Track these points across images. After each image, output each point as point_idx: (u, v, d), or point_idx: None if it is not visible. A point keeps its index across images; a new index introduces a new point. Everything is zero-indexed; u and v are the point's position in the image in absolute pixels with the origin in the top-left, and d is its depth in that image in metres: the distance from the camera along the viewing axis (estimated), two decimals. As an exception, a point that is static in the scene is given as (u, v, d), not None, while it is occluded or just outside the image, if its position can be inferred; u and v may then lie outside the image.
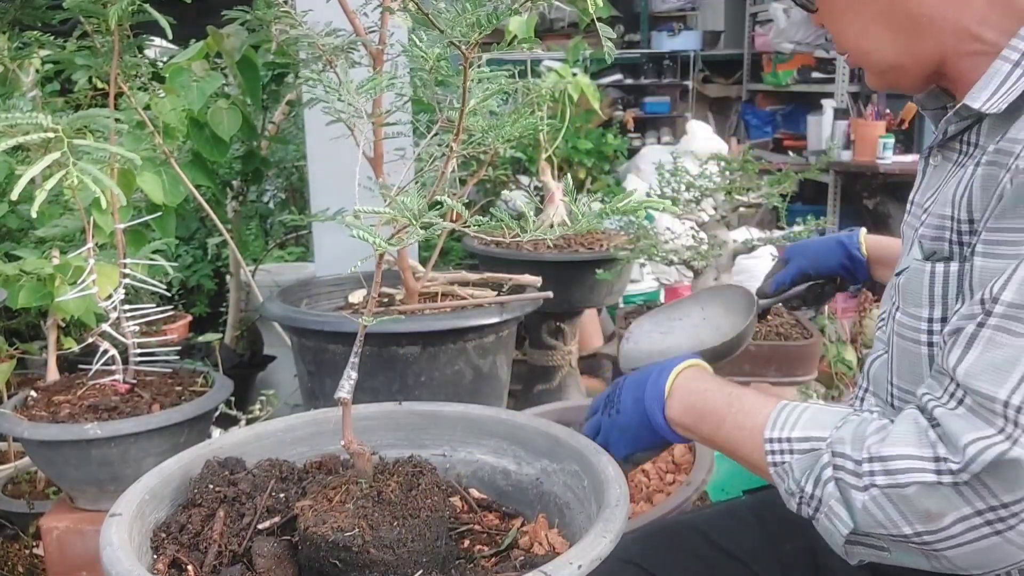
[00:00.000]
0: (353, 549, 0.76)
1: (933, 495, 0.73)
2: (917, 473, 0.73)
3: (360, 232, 0.65)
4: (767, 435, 0.84)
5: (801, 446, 0.82)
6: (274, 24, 1.68)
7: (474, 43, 0.66)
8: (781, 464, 0.83)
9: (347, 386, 0.81)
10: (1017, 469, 0.70)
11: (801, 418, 0.84)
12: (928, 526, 0.74)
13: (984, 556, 0.74)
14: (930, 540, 0.74)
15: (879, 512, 0.75)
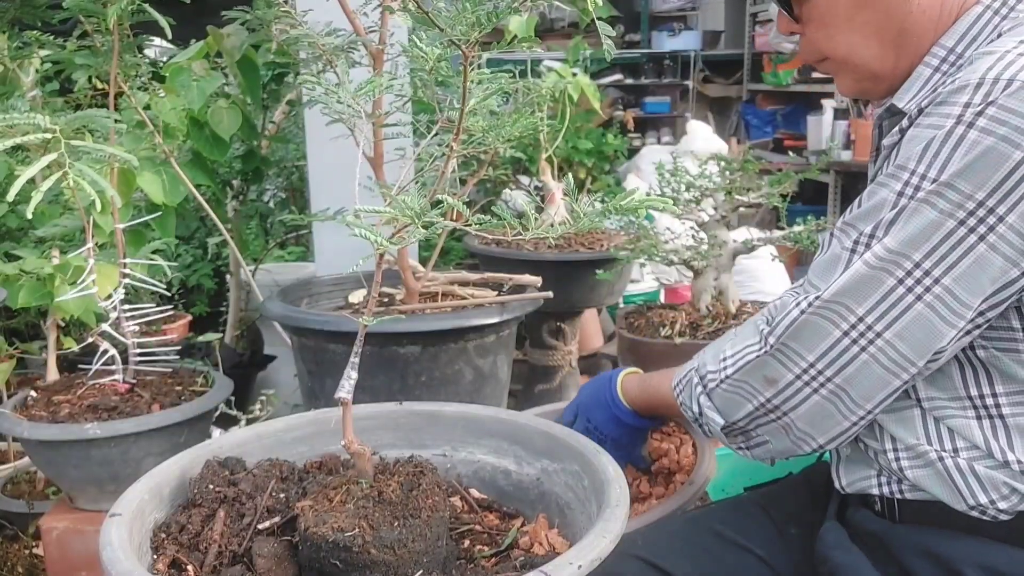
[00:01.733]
0: (353, 549, 0.76)
1: (763, 365, 0.94)
2: (751, 352, 0.95)
3: (361, 231, 0.65)
4: (671, 383, 1.08)
5: (684, 380, 1.05)
6: (274, 24, 1.68)
7: (474, 42, 0.66)
8: (681, 403, 1.05)
9: (347, 386, 0.81)
10: (812, 329, 0.89)
11: (697, 358, 1.05)
12: (769, 391, 0.94)
13: (817, 416, 0.92)
14: (777, 404, 0.94)
15: (735, 395, 0.97)
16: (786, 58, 6.28)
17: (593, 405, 1.24)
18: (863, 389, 0.89)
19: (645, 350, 2.30)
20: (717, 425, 0.99)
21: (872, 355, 0.88)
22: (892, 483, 0.98)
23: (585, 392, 1.28)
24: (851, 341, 0.88)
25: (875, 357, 0.88)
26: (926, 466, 0.94)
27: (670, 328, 2.28)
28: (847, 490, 1.03)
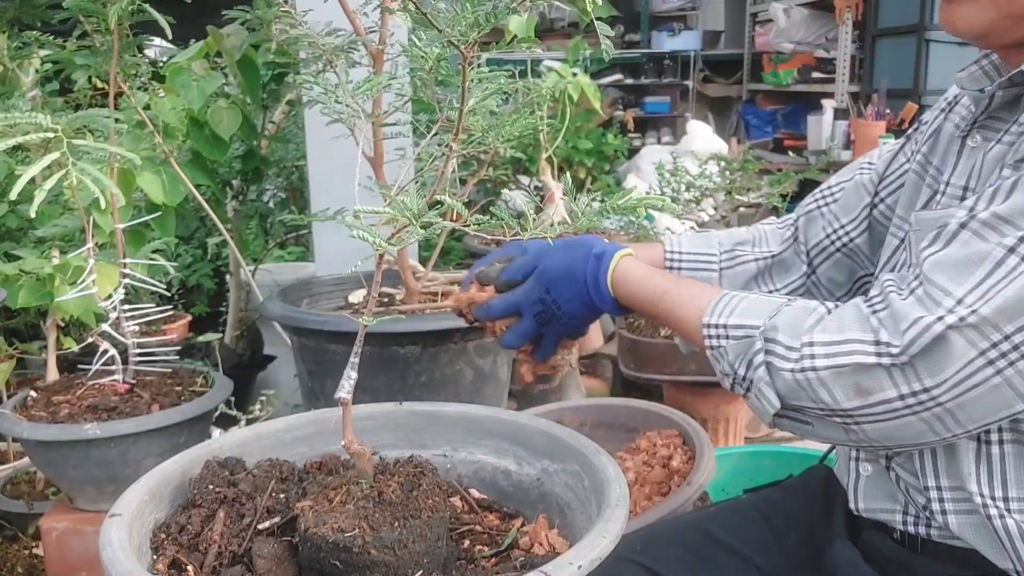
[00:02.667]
0: (353, 550, 0.76)
1: (868, 375, 0.78)
2: (858, 355, 0.79)
3: (360, 232, 0.65)
4: (705, 320, 0.90)
5: (736, 333, 0.88)
6: (274, 24, 1.68)
7: (473, 42, 0.66)
8: (717, 348, 0.90)
9: (347, 386, 0.81)
10: (945, 350, 0.75)
11: (739, 307, 0.90)
12: (856, 402, 0.80)
13: (897, 432, 0.80)
14: (855, 414, 0.80)
15: (808, 388, 0.81)
16: (786, 58, 6.28)
17: (563, 278, 1.02)
18: (976, 412, 0.77)
19: (645, 350, 2.30)
20: (770, 406, 0.84)
21: (1007, 377, 0.75)
22: (920, 524, 0.92)
23: (555, 257, 1.03)
24: (987, 362, 0.75)
25: (1010, 380, 0.75)
26: (970, 513, 0.86)
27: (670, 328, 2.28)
28: (862, 514, 0.98)
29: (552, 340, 1.09)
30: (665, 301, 0.96)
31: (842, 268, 1.15)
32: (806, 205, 1.19)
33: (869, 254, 1.12)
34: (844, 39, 5.37)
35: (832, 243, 1.14)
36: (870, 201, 1.11)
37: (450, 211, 0.71)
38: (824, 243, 1.15)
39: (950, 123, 1.01)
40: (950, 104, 1.04)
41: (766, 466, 1.69)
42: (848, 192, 1.14)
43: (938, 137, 1.03)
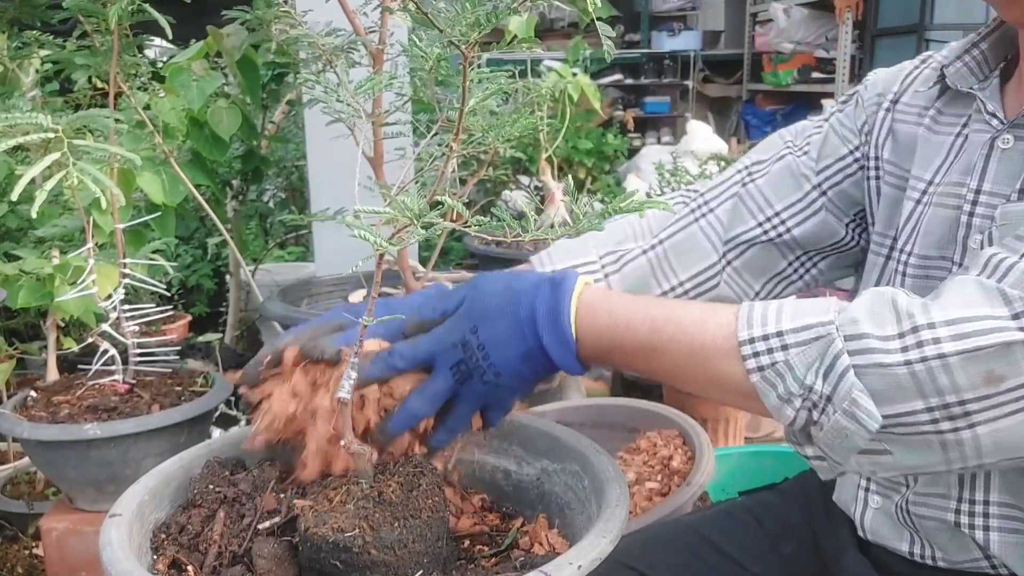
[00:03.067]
0: (354, 550, 0.76)
1: (1007, 357, 0.63)
2: (999, 333, 0.63)
3: (360, 232, 0.65)
4: (744, 335, 0.69)
5: (801, 336, 0.67)
6: (274, 24, 1.68)
7: (473, 43, 0.66)
8: (772, 365, 0.67)
9: (347, 386, 0.81)
10: None
11: (783, 311, 0.70)
12: (981, 391, 0.64)
13: (1013, 433, 0.65)
14: (973, 410, 0.64)
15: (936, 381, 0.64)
16: (786, 58, 6.28)
17: (498, 312, 0.76)
18: None
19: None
20: (871, 423, 0.65)
21: None
22: (935, 555, 0.87)
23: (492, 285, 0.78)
24: None
25: None
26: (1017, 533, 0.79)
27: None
28: (868, 539, 0.95)
29: (467, 408, 0.79)
30: (664, 330, 0.72)
31: (763, 261, 1.04)
32: (723, 184, 1.06)
33: (803, 248, 1.04)
34: (844, 39, 5.38)
35: (765, 232, 1.03)
36: (813, 192, 1.02)
37: (450, 211, 0.71)
38: (754, 231, 1.03)
39: (903, 123, 0.97)
40: (894, 100, 0.99)
41: (766, 466, 1.69)
42: (777, 175, 1.03)
43: (895, 139, 0.98)
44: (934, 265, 0.89)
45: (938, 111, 0.95)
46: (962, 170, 0.88)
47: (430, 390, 0.78)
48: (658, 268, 1.03)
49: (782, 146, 1.06)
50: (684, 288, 1.04)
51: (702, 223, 1.05)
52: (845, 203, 1.03)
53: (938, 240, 0.88)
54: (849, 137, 1.03)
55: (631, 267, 1.03)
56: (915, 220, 0.92)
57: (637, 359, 0.74)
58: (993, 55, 0.91)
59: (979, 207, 0.84)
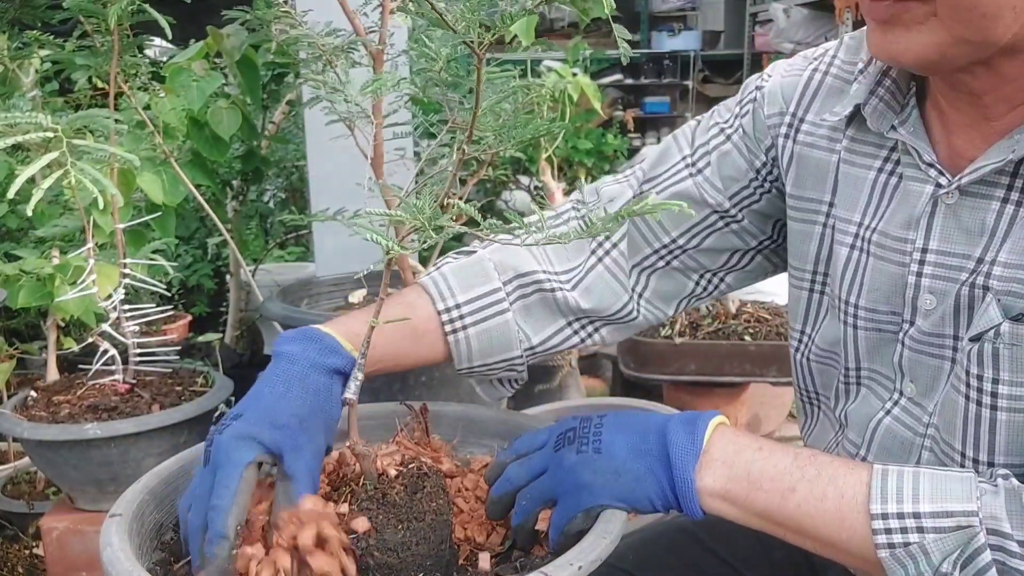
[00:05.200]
0: (357, 552, 0.75)
1: None
2: None
3: (372, 235, 0.65)
4: (877, 509, 0.68)
5: (941, 523, 0.66)
6: (274, 24, 1.68)
7: (487, 44, 0.66)
8: (905, 545, 0.66)
9: (353, 387, 0.81)
10: None
11: (920, 486, 0.68)
12: None
13: None
14: None
15: None
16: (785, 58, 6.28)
17: (624, 427, 0.79)
18: None
19: (645, 350, 2.30)
20: None
21: None
22: None
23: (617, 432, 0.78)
24: None
25: None
26: None
27: (670, 328, 2.28)
28: None
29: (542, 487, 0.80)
30: (799, 483, 0.72)
31: (669, 286, 1.02)
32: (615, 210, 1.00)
33: (708, 265, 1.00)
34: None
35: (663, 259, 0.99)
36: (716, 215, 0.97)
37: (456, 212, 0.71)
38: (652, 260, 0.99)
39: (810, 148, 0.90)
40: (791, 124, 0.93)
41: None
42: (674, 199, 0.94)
43: (798, 166, 0.91)
44: (885, 320, 0.85)
45: (852, 139, 0.88)
46: (901, 223, 0.82)
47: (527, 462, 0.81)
48: (568, 312, 0.99)
49: (679, 162, 1.00)
50: (593, 323, 1.01)
51: (606, 262, 1.00)
52: (764, 215, 0.99)
53: (886, 296, 0.84)
54: (756, 158, 0.96)
55: (536, 300, 0.98)
56: (854, 269, 0.87)
57: (763, 499, 0.73)
58: (903, 80, 0.84)
59: (927, 266, 0.80)
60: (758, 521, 0.74)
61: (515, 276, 0.98)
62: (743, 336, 2.25)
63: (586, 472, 0.76)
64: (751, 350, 2.20)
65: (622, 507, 0.76)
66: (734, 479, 0.74)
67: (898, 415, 0.86)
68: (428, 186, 0.80)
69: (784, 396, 2.68)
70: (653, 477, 0.75)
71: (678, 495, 0.74)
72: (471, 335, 0.95)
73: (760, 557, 1.04)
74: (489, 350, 0.97)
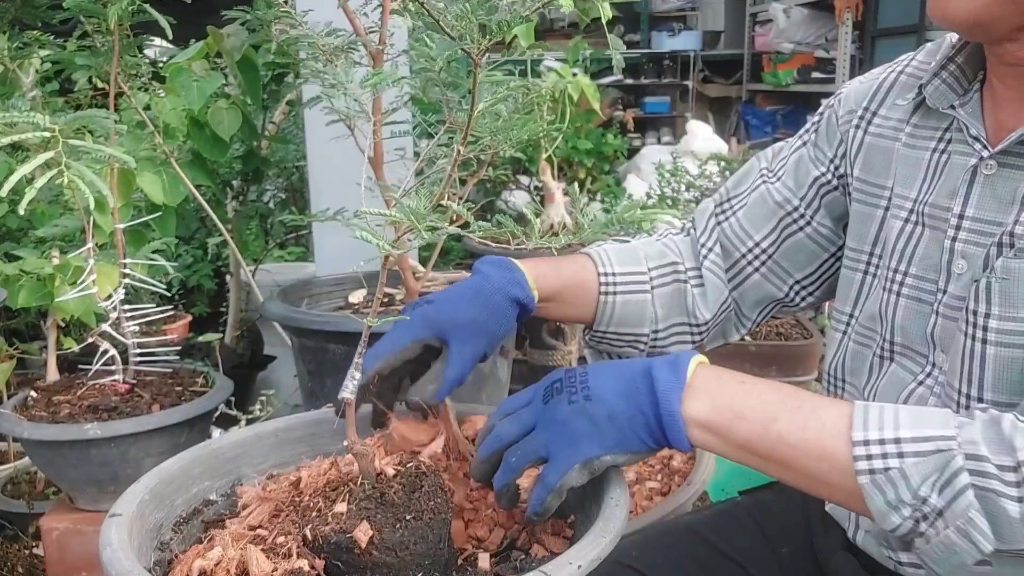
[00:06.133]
0: (355, 551, 0.76)
1: None
2: None
3: (365, 234, 0.65)
4: (859, 436, 0.70)
5: (920, 447, 0.68)
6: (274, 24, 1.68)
7: (484, 48, 0.66)
8: (885, 471, 0.68)
9: (351, 386, 0.81)
10: None
11: (900, 416, 0.71)
12: None
13: None
14: None
15: None
16: (785, 58, 6.28)
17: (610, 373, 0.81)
18: None
19: (645, 350, 2.31)
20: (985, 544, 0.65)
21: None
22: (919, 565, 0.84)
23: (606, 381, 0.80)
24: None
25: None
26: None
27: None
28: (859, 548, 0.95)
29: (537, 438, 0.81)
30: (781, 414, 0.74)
31: (757, 290, 1.08)
32: (707, 221, 1.09)
33: (790, 270, 1.06)
34: (844, 39, 5.38)
35: (749, 263, 1.06)
36: (789, 218, 1.04)
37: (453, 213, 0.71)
38: (741, 264, 1.07)
39: (879, 138, 0.96)
40: (863, 117, 0.99)
41: (766, 466, 1.69)
42: (753, 205, 1.06)
43: (867, 154, 0.98)
44: (927, 289, 0.89)
45: (915, 126, 0.93)
46: (947, 193, 0.87)
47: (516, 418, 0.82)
48: (693, 301, 1.07)
49: (757, 175, 1.08)
50: (707, 325, 1.08)
51: (707, 264, 1.08)
52: (835, 217, 1.04)
53: (934, 266, 0.88)
54: (824, 156, 1.03)
55: (672, 290, 1.07)
56: (907, 239, 0.91)
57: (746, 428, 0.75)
58: (970, 67, 0.89)
59: (962, 232, 0.85)
60: (741, 453, 0.76)
61: (659, 265, 1.07)
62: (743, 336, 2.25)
63: (581, 421, 0.78)
64: (751, 350, 2.20)
65: (618, 454, 0.78)
66: (717, 409, 0.76)
67: (929, 384, 0.88)
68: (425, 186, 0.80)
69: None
70: (642, 416, 0.77)
71: (665, 428, 0.76)
72: (618, 302, 1.04)
73: (764, 552, 1.05)
74: (626, 320, 1.05)
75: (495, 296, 0.92)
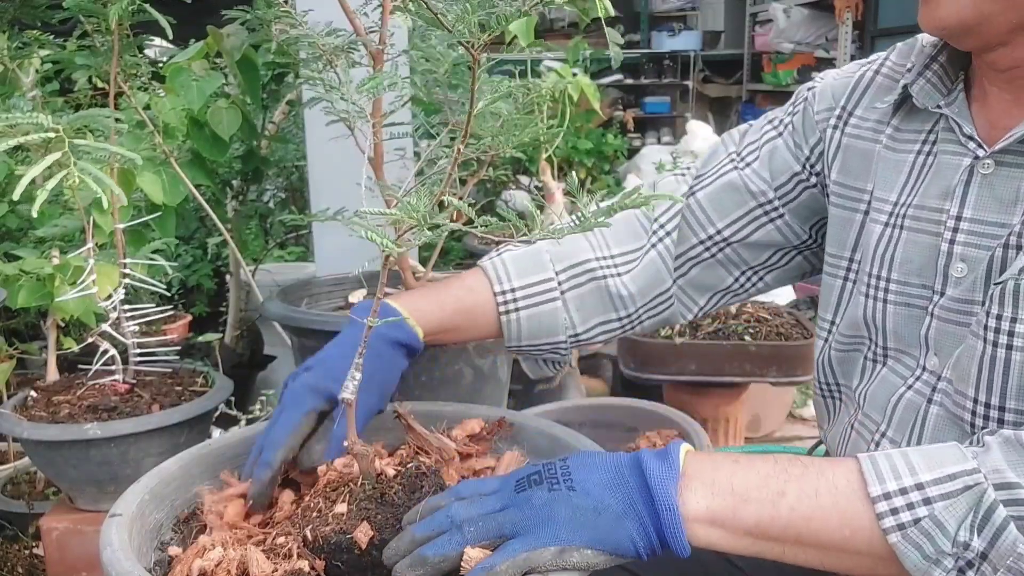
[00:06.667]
0: (356, 551, 0.76)
1: None
2: None
3: (368, 233, 0.65)
4: (876, 491, 0.64)
5: (945, 488, 0.62)
6: (274, 24, 1.68)
7: (483, 45, 0.66)
8: (915, 522, 0.62)
9: (351, 386, 0.81)
10: None
11: (912, 460, 0.65)
12: None
13: None
14: None
15: None
16: (785, 58, 6.28)
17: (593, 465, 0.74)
18: None
19: (645, 350, 2.30)
20: None
21: None
22: None
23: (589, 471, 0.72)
24: None
25: None
26: None
27: (670, 328, 2.28)
28: None
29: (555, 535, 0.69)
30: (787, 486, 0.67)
31: (708, 275, 1.06)
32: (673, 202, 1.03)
33: (750, 261, 1.05)
34: (844, 39, 5.38)
35: (707, 249, 1.04)
36: (761, 209, 1.02)
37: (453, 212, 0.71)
38: (697, 250, 1.04)
39: (857, 139, 0.95)
40: (840, 117, 0.97)
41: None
42: (720, 190, 1.03)
43: (844, 156, 0.96)
44: (916, 294, 0.87)
45: (896, 128, 0.92)
46: (938, 194, 0.85)
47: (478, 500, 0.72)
48: (616, 295, 1.03)
49: (725, 158, 1.06)
50: (638, 312, 1.05)
51: (659, 248, 1.04)
52: (805, 214, 1.03)
53: (919, 268, 0.87)
54: (801, 152, 1.01)
55: (588, 289, 1.03)
56: (887, 244, 0.90)
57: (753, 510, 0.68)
58: (952, 68, 0.89)
59: (960, 234, 0.83)
60: (750, 541, 0.69)
61: (569, 266, 1.03)
62: (743, 336, 2.25)
63: (563, 508, 0.68)
64: (751, 350, 2.20)
65: (599, 551, 0.68)
66: (718, 495, 0.69)
67: (919, 388, 0.87)
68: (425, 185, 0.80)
69: (784, 396, 2.69)
70: (634, 512, 0.68)
71: (663, 525, 0.68)
72: (522, 317, 1.02)
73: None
74: (537, 333, 1.04)
75: (376, 344, 0.90)
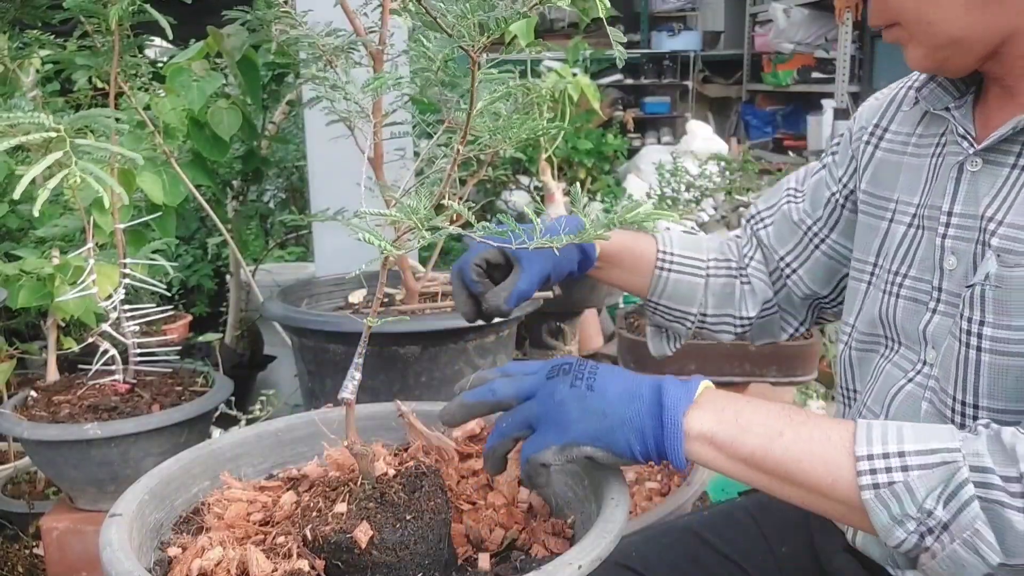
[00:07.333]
0: (355, 551, 0.76)
1: None
2: None
3: (366, 235, 0.65)
4: (863, 451, 0.70)
5: (925, 460, 0.67)
6: (274, 24, 1.68)
7: (482, 47, 0.66)
8: (889, 485, 0.67)
9: (351, 386, 0.81)
10: None
11: (903, 432, 0.70)
12: None
13: None
14: None
15: None
16: (785, 58, 6.28)
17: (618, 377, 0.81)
18: None
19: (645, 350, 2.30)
20: (993, 557, 0.65)
21: None
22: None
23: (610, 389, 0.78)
24: None
25: None
26: None
27: (670, 328, 2.28)
28: (859, 548, 0.95)
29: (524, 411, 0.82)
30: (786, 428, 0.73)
31: (794, 295, 1.15)
32: (747, 232, 1.18)
33: (809, 285, 1.13)
34: (844, 39, 5.38)
35: (783, 271, 1.14)
36: (806, 238, 1.11)
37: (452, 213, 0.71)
38: (777, 272, 1.15)
39: (890, 152, 0.99)
40: (873, 133, 1.02)
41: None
42: (778, 223, 1.14)
43: (876, 169, 1.00)
44: (921, 288, 0.91)
45: (919, 135, 0.97)
46: (939, 192, 0.90)
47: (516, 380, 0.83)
48: (741, 296, 1.15)
49: (784, 193, 1.16)
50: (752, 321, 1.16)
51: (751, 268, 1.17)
52: (846, 239, 1.08)
53: (931, 266, 0.90)
54: (836, 176, 1.08)
55: (724, 282, 1.16)
56: (908, 243, 0.94)
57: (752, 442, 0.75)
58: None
59: (951, 228, 0.87)
60: (743, 468, 0.75)
61: (717, 258, 1.17)
62: (743, 336, 2.25)
63: (574, 407, 0.77)
64: (751, 350, 2.20)
65: (599, 448, 0.77)
66: (723, 422, 0.75)
67: (919, 381, 0.90)
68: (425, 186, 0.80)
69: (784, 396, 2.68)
70: (638, 422, 0.76)
71: (664, 436, 0.75)
72: (671, 279, 1.13)
73: (764, 553, 1.05)
74: (676, 297, 1.15)
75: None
